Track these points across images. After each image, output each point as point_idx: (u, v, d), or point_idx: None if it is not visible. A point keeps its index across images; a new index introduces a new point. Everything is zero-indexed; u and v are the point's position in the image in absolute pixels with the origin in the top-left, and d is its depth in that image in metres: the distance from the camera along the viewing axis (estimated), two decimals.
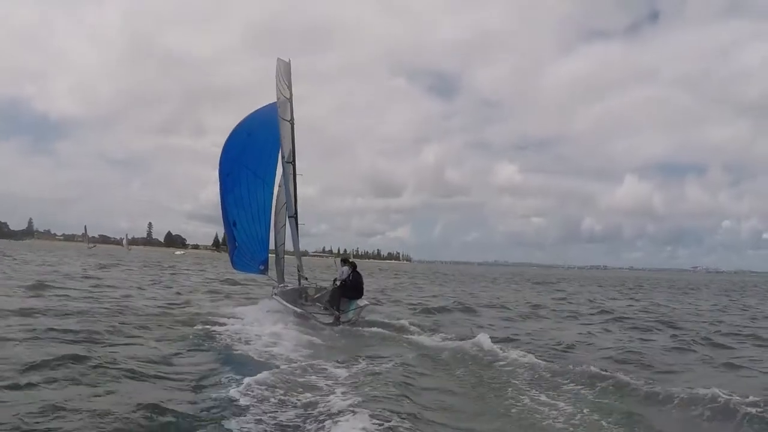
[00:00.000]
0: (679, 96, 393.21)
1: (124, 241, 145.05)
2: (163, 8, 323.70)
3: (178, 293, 21.94)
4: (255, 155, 15.60)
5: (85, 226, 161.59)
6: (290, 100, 15.79)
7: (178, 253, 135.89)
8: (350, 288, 15.54)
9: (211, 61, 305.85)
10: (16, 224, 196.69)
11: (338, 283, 15.70)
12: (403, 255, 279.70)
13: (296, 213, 16.14)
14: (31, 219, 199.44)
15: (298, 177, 15.98)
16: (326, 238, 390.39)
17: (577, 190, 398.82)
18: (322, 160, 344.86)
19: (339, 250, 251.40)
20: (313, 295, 16.01)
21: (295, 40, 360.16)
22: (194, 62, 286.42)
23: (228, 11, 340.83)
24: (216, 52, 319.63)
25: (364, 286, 15.98)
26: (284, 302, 14.66)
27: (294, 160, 15.85)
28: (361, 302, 15.31)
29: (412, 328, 14.42)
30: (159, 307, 16.34)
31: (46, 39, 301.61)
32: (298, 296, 15.79)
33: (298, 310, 14.40)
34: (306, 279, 16.70)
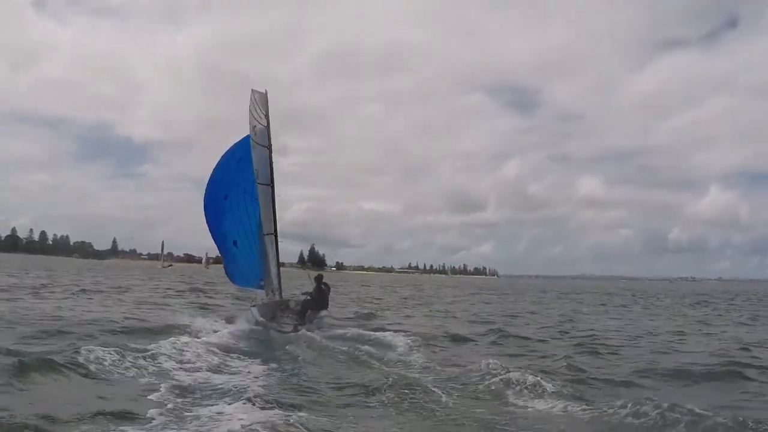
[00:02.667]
0: (758, 104, 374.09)
1: (204, 260, 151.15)
2: (236, 37, 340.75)
3: None
4: (249, 179, 17.72)
5: (162, 243, 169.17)
6: (268, 127, 17.90)
7: None
8: (314, 301, 17.47)
9: (285, 85, 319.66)
10: (102, 245, 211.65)
11: (306, 297, 17.67)
12: (489, 270, 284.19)
13: (276, 231, 18.21)
14: (115, 239, 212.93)
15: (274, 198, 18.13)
16: (411, 255, 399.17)
17: (660, 201, 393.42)
18: (404, 179, 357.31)
19: (425, 266, 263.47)
20: (293, 307, 17.74)
21: (371, 63, 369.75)
22: (271, 87, 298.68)
23: (301, 37, 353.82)
24: (290, 76, 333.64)
25: (329, 298, 18.04)
26: (256, 314, 16.89)
27: (273, 182, 17.94)
28: (323, 313, 17.25)
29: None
30: None
31: (124, 68, 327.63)
32: (277, 308, 17.65)
33: (260, 319, 16.62)
34: (275, 292, 18.48)
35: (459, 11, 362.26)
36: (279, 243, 18.60)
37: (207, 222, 18.19)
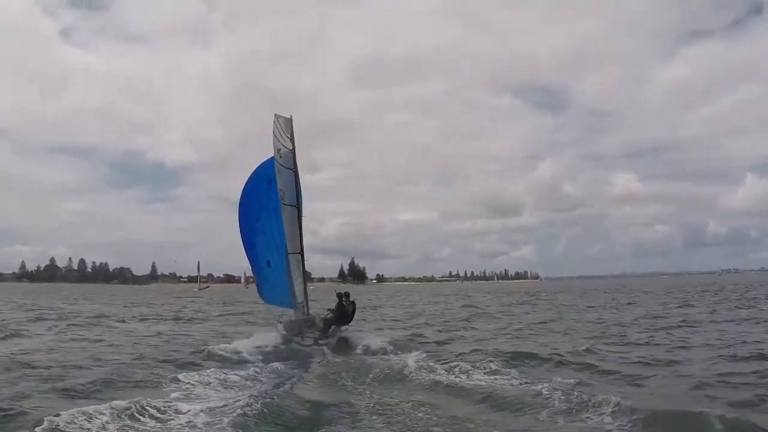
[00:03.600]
0: None
1: (242, 279, 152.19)
2: (264, 50, 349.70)
3: None
4: (276, 201, 18.30)
5: (198, 263, 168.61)
6: (293, 151, 18.49)
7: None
8: (337, 317, 18.02)
9: (316, 96, 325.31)
10: (141, 270, 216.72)
11: (329, 313, 18.35)
12: (531, 273, 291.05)
13: (302, 250, 18.79)
14: (154, 263, 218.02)
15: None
16: (451, 262, 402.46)
17: (696, 193, 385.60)
18: (438, 186, 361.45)
19: (466, 273, 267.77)
20: (319, 324, 18.24)
21: (397, 70, 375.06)
22: (300, 99, 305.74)
23: (329, 46, 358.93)
24: (321, 87, 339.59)
25: (353, 313, 18.41)
26: (281, 330, 18.08)
27: (299, 204, 18.56)
28: (343, 328, 17.75)
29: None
30: None
31: (153, 92, 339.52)
32: (304, 325, 18.26)
33: (283, 332, 17.81)
34: (301, 309, 19.15)
35: (484, 11, 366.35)
36: (318, 258, 19.31)
37: (242, 242, 19.10)
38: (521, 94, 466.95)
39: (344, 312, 18.13)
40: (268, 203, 18.50)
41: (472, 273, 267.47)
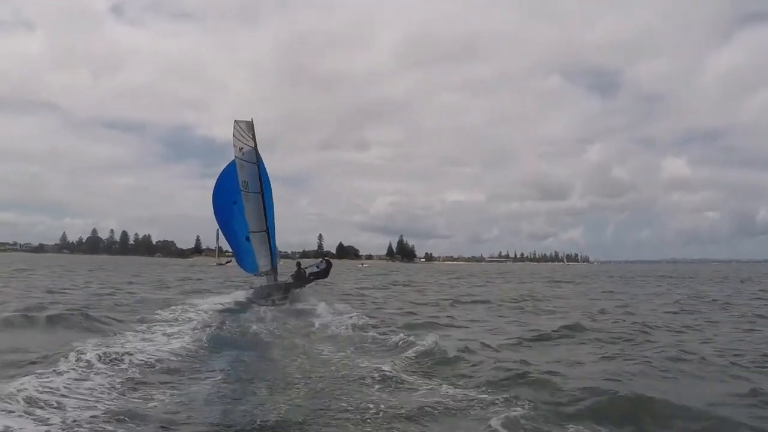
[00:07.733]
0: None
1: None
2: (314, 31, 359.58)
3: None
4: (240, 191, 23.34)
5: (218, 233, 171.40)
6: (255, 149, 23.34)
7: (360, 265, 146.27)
8: (294, 281, 23.87)
9: (366, 78, 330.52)
10: (186, 244, 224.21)
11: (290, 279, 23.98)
12: (581, 256, 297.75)
13: (268, 228, 23.90)
14: (198, 237, 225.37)
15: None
16: (500, 243, 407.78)
17: (748, 180, 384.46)
18: (487, 168, 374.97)
19: (515, 254, 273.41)
20: (282, 287, 23.56)
21: (447, 51, 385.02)
22: (350, 81, 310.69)
23: (377, 28, 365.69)
24: (371, 68, 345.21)
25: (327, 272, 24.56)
26: (251, 295, 23.25)
27: (262, 191, 23.57)
28: (296, 291, 23.36)
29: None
30: None
31: (204, 69, 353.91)
32: (273, 289, 23.48)
33: (248, 294, 23.12)
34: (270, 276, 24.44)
35: None
36: (367, 236, 24.97)
37: (218, 222, 24.23)
38: (572, 77, 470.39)
39: (300, 277, 23.91)
40: (238, 193, 23.30)
41: (522, 254, 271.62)
